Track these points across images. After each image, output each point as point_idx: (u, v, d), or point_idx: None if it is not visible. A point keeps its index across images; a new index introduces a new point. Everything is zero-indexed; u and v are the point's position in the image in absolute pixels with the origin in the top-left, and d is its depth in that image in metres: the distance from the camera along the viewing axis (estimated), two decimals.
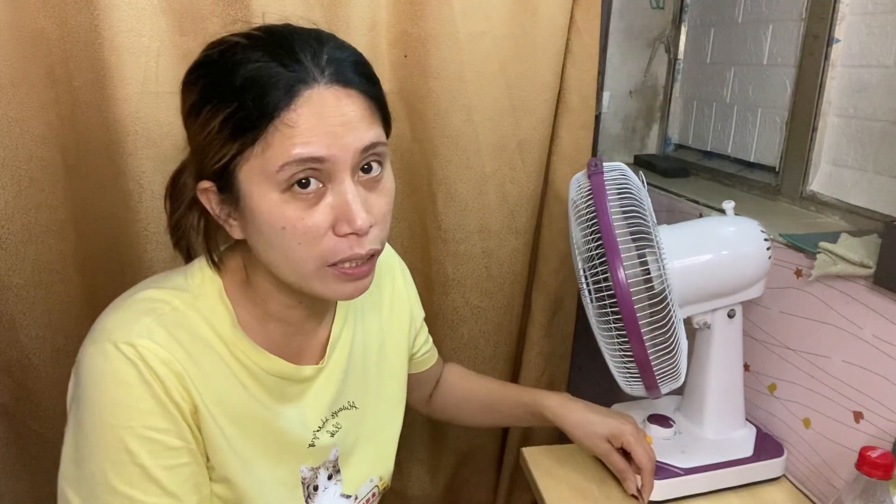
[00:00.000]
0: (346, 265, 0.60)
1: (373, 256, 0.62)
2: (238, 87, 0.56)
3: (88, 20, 0.87)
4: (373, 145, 0.59)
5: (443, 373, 0.97)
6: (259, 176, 0.57)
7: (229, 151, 0.57)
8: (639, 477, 0.84)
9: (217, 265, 0.66)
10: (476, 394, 0.95)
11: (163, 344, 0.58)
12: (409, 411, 0.87)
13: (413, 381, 0.91)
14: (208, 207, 0.62)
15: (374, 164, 0.60)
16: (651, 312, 0.80)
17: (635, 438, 0.82)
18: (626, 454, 0.84)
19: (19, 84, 0.90)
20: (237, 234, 0.62)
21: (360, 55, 0.62)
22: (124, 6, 0.88)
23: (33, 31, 0.89)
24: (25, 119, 0.92)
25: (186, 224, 0.66)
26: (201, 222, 0.66)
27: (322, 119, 0.56)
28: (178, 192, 0.65)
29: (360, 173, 0.59)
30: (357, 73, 0.59)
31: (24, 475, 1.07)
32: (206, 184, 0.60)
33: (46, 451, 1.06)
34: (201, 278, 0.65)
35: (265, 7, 0.93)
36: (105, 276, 1.01)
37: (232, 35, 0.59)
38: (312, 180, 0.57)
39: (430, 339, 0.93)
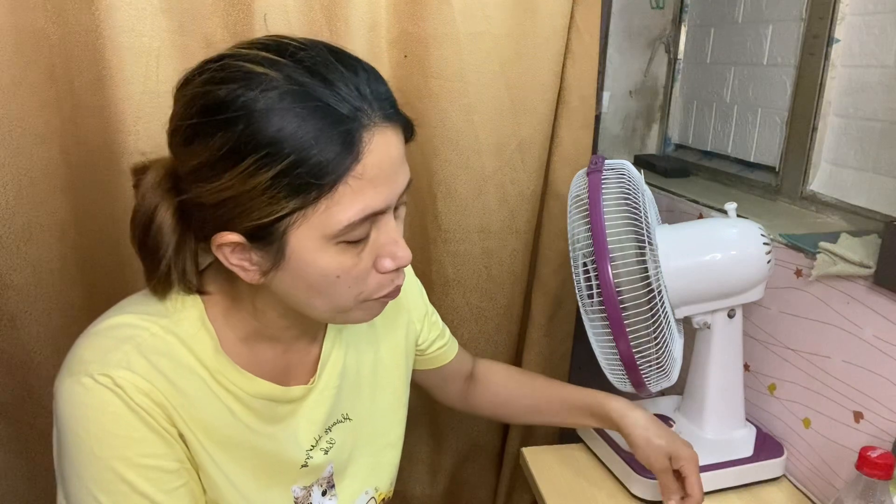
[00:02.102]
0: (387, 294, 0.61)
1: None
2: (291, 138, 0.50)
3: (89, 20, 0.88)
4: (410, 182, 0.59)
5: (479, 370, 0.94)
6: (317, 232, 0.53)
7: (282, 209, 0.52)
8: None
9: (199, 290, 0.62)
10: (523, 394, 0.91)
11: (142, 374, 0.56)
12: (415, 412, 0.86)
13: (435, 376, 0.89)
14: (221, 258, 0.56)
15: (405, 196, 0.59)
16: (647, 310, 0.80)
17: (695, 466, 0.80)
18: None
19: (20, 84, 0.90)
20: (255, 279, 0.57)
21: (385, 81, 0.58)
22: (125, 6, 0.88)
23: (34, 31, 0.89)
24: (26, 119, 0.92)
25: (177, 271, 0.59)
26: (181, 256, 0.60)
27: (382, 166, 0.54)
28: (155, 241, 0.57)
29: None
30: (395, 107, 0.56)
31: (25, 473, 1.07)
32: (231, 237, 0.54)
33: (47, 449, 1.05)
34: (182, 302, 0.61)
35: (266, 7, 0.93)
36: (106, 275, 1.01)
37: (247, 61, 0.53)
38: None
39: (447, 333, 0.90)
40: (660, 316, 0.79)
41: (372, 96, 0.54)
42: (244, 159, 0.51)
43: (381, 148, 0.54)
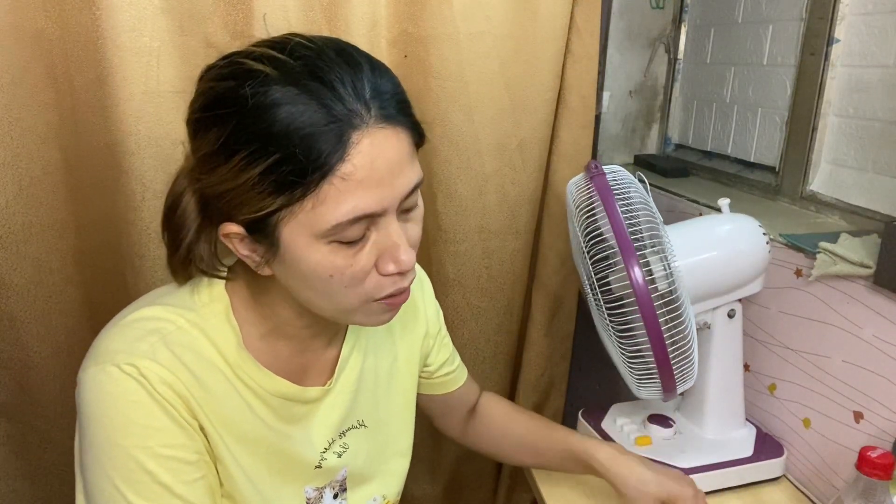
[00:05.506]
0: (391, 297, 0.60)
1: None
2: (279, 135, 0.50)
3: (89, 20, 0.88)
4: (417, 185, 0.57)
5: (481, 403, 0.91)
6: (306, 229, 0.53)
7: (271, 205, 0.52)
8: None
9: (221, 278, 0.63)
10: (517, 431, 0.88)
11: (167, 365, 0.57)
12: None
13: (439, 403, 0.88)
14: (231, 247, 0.58)
15: (413, 198, 0.58)
16: (674, 309, 0.79)
17: (694, 503, 0.77)
18: None
19: (20, 84, 0.90)
20: (266, 272, 0.59)
21: (396, 80, 0.57)
22: (125, 6, 0.88)
23: (34, 30, 0.89)
24: (26, 118, 0.92)
25: (195, 256, 0.60)
26: (200, 240, 0.61)
27: (374, 168, 0.52)
28: (178, 223, 0.59)
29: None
30: (399, 108, 0.55)
31: (25, 473, 1.07)
32: (233, 227, 0.56)
33: (47, 448, 1.06)
34: (209, 296, 0.62)
35: (266, 7, 0.93)
36: (105, 274, 1.01)
37: (251, 58, 0.53)
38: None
39: (457, 360, 0.88)
40: (686, 316, 0.78)
41: (371, 96, 0.53)
42: (235, 155, 0.52)
43: (374, 149, 0.52)
